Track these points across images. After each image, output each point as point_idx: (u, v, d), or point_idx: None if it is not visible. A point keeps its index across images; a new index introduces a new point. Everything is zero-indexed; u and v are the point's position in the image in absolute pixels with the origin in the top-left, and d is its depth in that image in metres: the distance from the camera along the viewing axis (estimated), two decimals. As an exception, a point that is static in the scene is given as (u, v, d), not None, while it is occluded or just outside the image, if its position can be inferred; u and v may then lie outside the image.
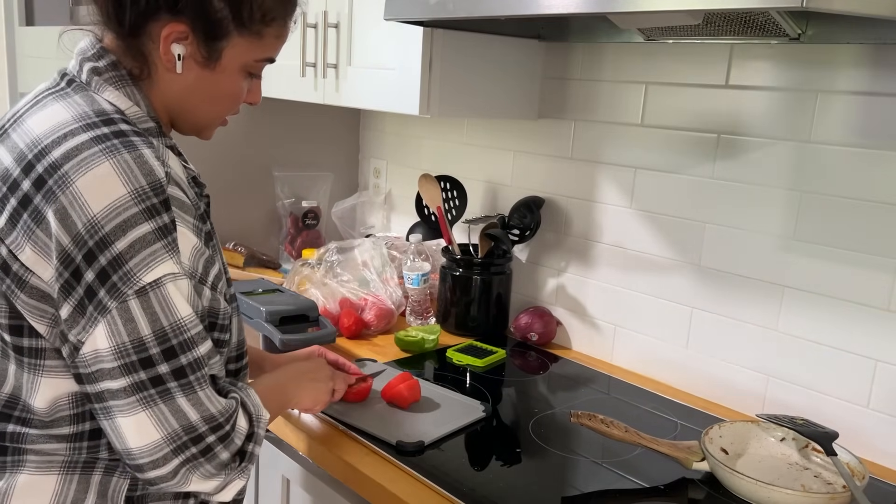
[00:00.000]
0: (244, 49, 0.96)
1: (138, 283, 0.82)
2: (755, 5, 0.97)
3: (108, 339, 0.82)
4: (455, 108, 1.64)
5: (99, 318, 0.82)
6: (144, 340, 0.83)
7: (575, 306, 1.78)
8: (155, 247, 0.83)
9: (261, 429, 0.96)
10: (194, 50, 0.93)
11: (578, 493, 1.16)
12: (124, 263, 0.82)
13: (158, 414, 0.85)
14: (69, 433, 0.90)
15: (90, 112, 0.88)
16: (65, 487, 0.90)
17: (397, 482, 1.15)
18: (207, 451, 0.88)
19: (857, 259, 1.31)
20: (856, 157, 1.29)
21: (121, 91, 0.93)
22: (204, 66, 0.95)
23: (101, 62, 0.93)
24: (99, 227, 0.81)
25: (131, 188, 0.83)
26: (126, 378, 0.83)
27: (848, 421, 1.34)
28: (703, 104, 1.49)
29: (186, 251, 0.88)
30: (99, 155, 0.83)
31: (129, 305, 0.82)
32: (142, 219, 0.83)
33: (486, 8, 1.22)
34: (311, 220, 2.26)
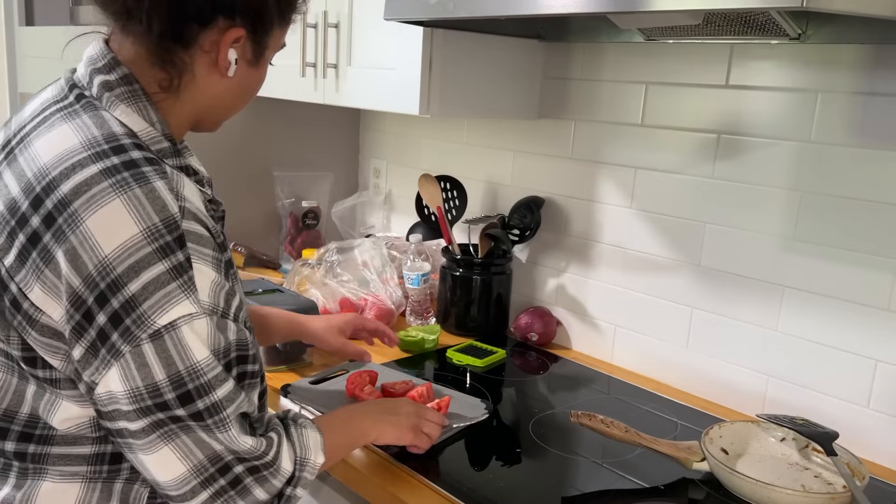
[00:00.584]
0: (277, 39, 0.97)
1: (152, 327, 0.79)
2: (755, 5, 0.97)
3: (121, 383, 0.80)
4: (455, 108, 1.64)
5: (112, 361, 0.79)
6: (159, 385, 0.80)
7: (575, 306, 1.78)
8: (169, 287, 0.79)
9: (307, 472, 0.93)
10: (245, 51, 0.92)
11: (578, 493, 1.16)
12: (137, 306, 0.78)
13: (182, 446, 0.82)
14: (90, 453, 0.88)
15: (99, 138, 0.83)
16: (88, 494, 0.89)
17: (397, 482, 1.15)
18: (237, 482, 0.85)
19: (857, 259, 1.31)
20: (856, 157, 1.29)
21: (133, 108, 0.88)
22: (251, 64, 0.94)
23: (112, 75, 0.88)
24: (111, 269, 0.78)
25: (143, 227, 0.79)
26: (143, 420, 0.81)
27: (848, 421, 1.34)
28: (703, 104, 1.49)
29: (205, 288, 0.83)
30: (109, 191, 0.79)
31: (142, 350, 0.79)
32: (155, 259, 0.79)
33: (486, 8, 1.22)
34: (311, 220, 2.26)
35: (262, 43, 0.93)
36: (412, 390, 1.38)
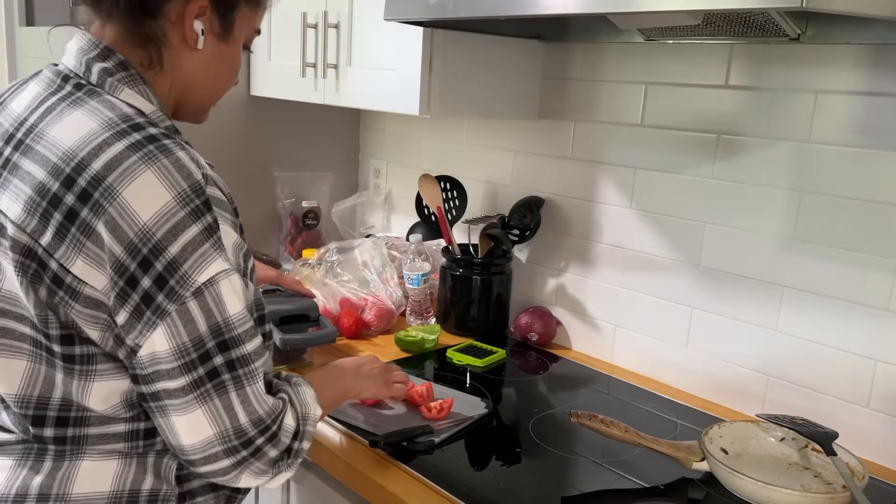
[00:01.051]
0: (248, 19, 1.01)
1: (195, 285, 0.84)
2: (755, 5, 0.97)
3: (168, 342, 0.85)
4: (455, 108, 1.65)
5: (158, 321, 0.84)
6: (202, 337, 0.86)
7: (575, 306, 1.78)
8: (205, 247, 0.85)
9: (309, 425, 0.98)
10: (212, 24, 0.97)
11: (578, 493, 1.16)
12: (179, 267, 0.84)
13: (213, 410, 0.87)
14: (125, 430, 0.93)
15: (115, 119, 0.88)
16: (125, 470, 0.93)
17: (397, 482, 1.15)
18: (257, 451, 0.91)
19: (857, 259, 1.31)
20: (856, 157, 1.29)
21: (135, 90, 0.93)
22: (220, 38, 0.98)
23: (109, 62, 0.93)
24: (151, 235, 0.83)
25: (175, 193, 0.84)
26: (185, 377, 0.86)
27: (848, 421, 1.34)
28: (703, 104, 1.49)
29: (230, 247, 0.89)
30: (139, 163, 0.84)
31: (188, 307, 0.84)
32: (189, 221, 0.84)
33: (486, 8, 1.22)
34: (312, 221, 2.26)
35: (228, 17, 0.98)
36: (412, 390, 1.38)
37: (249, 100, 2.13)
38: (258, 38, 2.06)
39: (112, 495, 0.92)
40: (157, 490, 0.94)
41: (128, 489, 0.93)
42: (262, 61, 2.05)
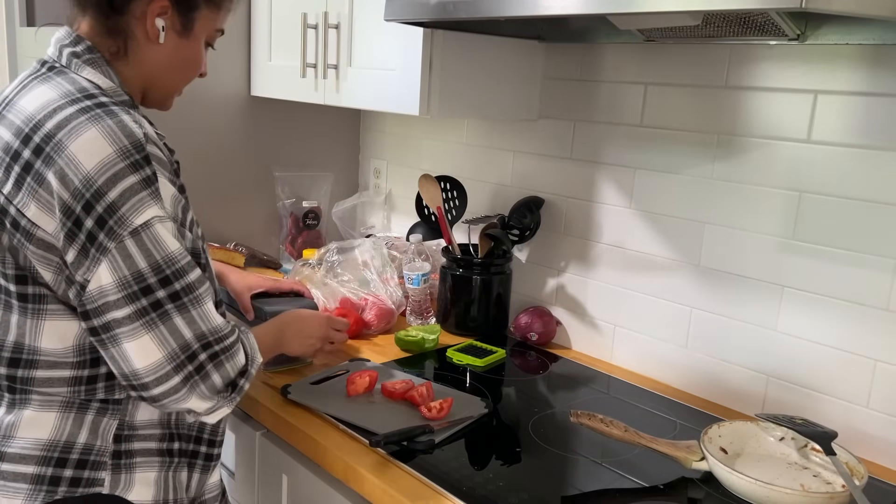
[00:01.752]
0: (208, 19, 1.13)
1: (131, 226, 0.96)
2: (755, 6, 0.97)
3: (111, 275, 0.96)
4: (455, 109, 1.65)
5: (101, 257, 0.96)
6: (142, 272, 0.97)
7: (575, 306, 1.78)
8: (142, 195, 0.97)
9: (253, 368, 1.10)
10: (173, 21, 1.09)
11: (578, 492, 1.16)
12: (117, 210, 0.95)
13: (159, 335, 0.98)
14: (69, 376, 1.04)
15: (73, 90, 1.01)
16: (62, 423, 1.05)
17: (397, 482, 1.16)
18: (201, 369, 1.01)
19: (856, 259, 1.31)
20: (855, 158, 1.30)
21: (97, 70, 1.06)
22: (180, 34, 1.10)
23: (78, 47, 1.06)
24: (93, 182, 0.95)
25: (116, 147, 0.96)
26: (130, 306, 0.97)
27: (847, 421, 1.34)
28: (703, 104, 1.49)
29: (167, 199, 1.01)
30: (86, 122, 0.97)
31: (125, 245, 0.96)
32: (128, 172, 0.96)
33: (486, 9, 1.22)
34: (312, 221, 2.26)
35: (188, 16, 1.10)
36: (412, 390, 1.38)
37: (250, 100, 2.13)
38: (258, 38, 2.07)
39: (48, 444, 1.04)
40: (92, 445, 1.06)
41: (63, 440, 1.05)
42: (262, 62, 2.05)
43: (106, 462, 1.06)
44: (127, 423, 1.08)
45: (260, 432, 1.44)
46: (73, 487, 1.05)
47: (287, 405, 1.38)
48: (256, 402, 1.41)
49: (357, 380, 1.42)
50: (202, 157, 2.09)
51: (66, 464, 1.04)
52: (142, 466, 1.09)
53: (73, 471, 1.05)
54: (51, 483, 1.04)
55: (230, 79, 2.09)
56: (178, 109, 2.00)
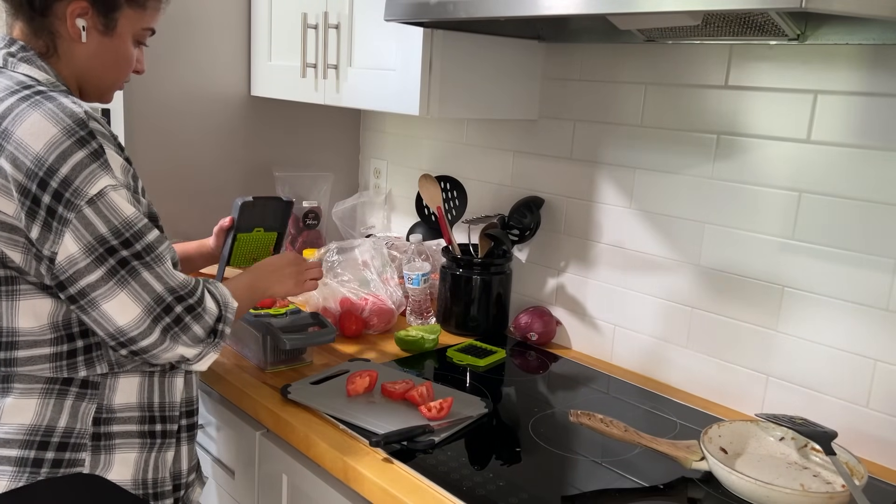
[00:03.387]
0: (133, 19, 1.18)
1: (87, 196, 1.03)
2: (755, 6, 0.97)
3: (76, 243, 1.03)
4: (455, 109, 1.65)
5: (63, 229, 1.02)
6: (104, 236, 1.04)
7: (574, 306, 1.78)
8: (92, 167, 1.03)
9: (229, 313, 1.17)
10: (95, 21, 1.14)
11: (578, 492, 1.17)
12: (72, 183, 1.02)
13: (133, 290, 1.05)
14: (50, 353, 1.10)
15: (12, 84, 1.08)
16: (43, 409, 1.11)
17: (397, 482, 1.16)
18: (179, 321, 1.09)
19: (856, 259, 1.31)
20: (855, 157, 1.30)
21: (32, 66, 1.12)
22: (103, 34, 1.16)
23: (12, 48, 1.13)
24: (44, 161, 1.01)
25: (61, 127, 1.03)
26: (101, 268, 1.04)
27: (847, 420, 1.34)
28: (703, 104, 1.49)
29: (116, 168, 1.07)
30: (27, 108, 1.04)
31: (84, 213, 1.02)
32: (76, 148, 1.03)
33: (486, 9, 1.22)
34: (312, 221, 2.26)
35: (110, 16, 1.15)
36: (412, 390, 1.39)
37: (250, 100, 2.14)
38: (258, 39, 2.07)
39: (30, 429, 1.10)
40: (72, 428, 1.11)
41: (45, 424, 1.10)
42: (262, 62, 2.06)
43: (86, 444, 1.12)
44: (105, 406, 1.14)
45: (260, 432, 1.44)
46: (55, 468, 1.10)
47: (287, 405, 1.38)
48: (256, 402, 1.41)
49: (357, 380, 1.42)
50: (202, 157, 2.09)
51: (47, 447, 1.10)
52: (121, 448, 1.15)
53: (55, 453, 1.11)
54: (34, 465, 1.10)
55: (230, 79, 2.09)
56: (179, 109, 2.02)
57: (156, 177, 2.00)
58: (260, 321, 1.51)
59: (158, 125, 1.99)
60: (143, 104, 1.95)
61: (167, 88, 1.98)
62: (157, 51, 1.93)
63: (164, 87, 1.98)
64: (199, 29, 2.00)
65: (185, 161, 2.06)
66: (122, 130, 1.92)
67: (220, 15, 2.04)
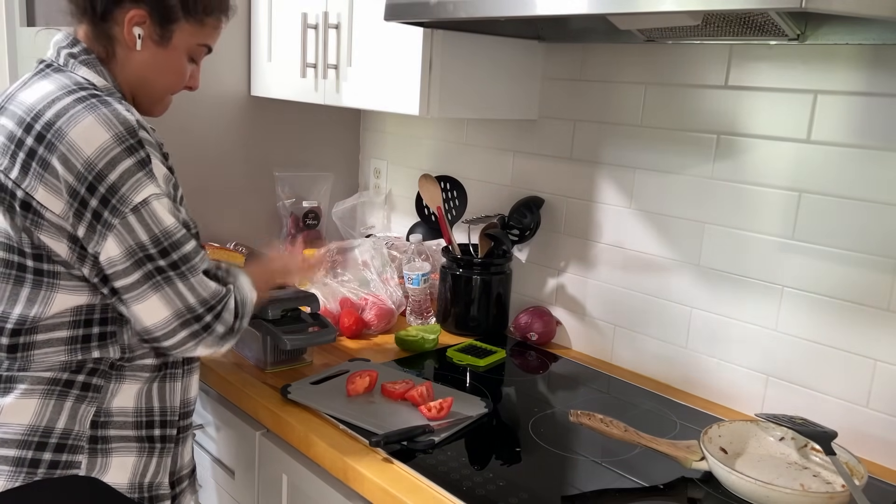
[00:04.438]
0: (189, 33, 1.20)
1: (132, 203, 1.06)
2: (755, 6, 0.97)
3: (118, 247, 1.06)
4: (455, 109, 1.65)
5: (107, 232, 1.06)
6: (144, 243, 1.07)
7: (574, 306, 1.78)
8: (138, 175, 1.06)
9: (247, 308, 1.21)
10: (151, 31, 1.17)
11: (578, 492, 1.17)
12: (118, 190, 1.05)
13: (165, 296, 1.09)
14: (67, 336, 1.12)
15: (69, 84, 1.10)
16: (43, 409, 1.12)
17: (397, 482, 1.16)
18: (207, 327, 1.13)
19: (856, 259, 1.31)
20: (855, 157, 1.30)
21: (92, 69, 1.15)
22: (158, 44, 1.18)
23: (75, 49, 1.16)
24: (94, 166, 1.04)
25: (112, 133, 1.05)
26: (137, 272, 1.07)
27: (847, 420, 1.34)
28: (703, 104, 1.49)
29: (160, 178, 1.10)
30: (83, 111, 1.06)
31: (128, 220, 1.06)
32: (125, 156, 1.06)
33: (485, 9, 1.22)
34: (312, 221, 2.26)
35: (166, 27, 1.18)
36: (412, 390, 1.39)
37: (250, 100, 2.13)
38: (258, 39, 2.07)
39: (29, 429, 1.11)
40: (70, 430, 1.13)
41: (43, 425, 1.12)
42: (262, 62, 2.05)
43: (83, 446, 1.13)
44: (104, 410, 1.15)
45: (260, 432, 1.44)
46: (51, 469, 1.11)
47: (287, 405, 1.38)
48: (256, 402, 1.41)
49: (357, 380, 1.42)
50: (202, 157, 2.09)
51: (45, 447, 1.11)
52: (118, 451, 1.16)
53: (52, 454, 1.12)
54: (31, 465, 1.11)
55: (230, 79, 2.09)
56: (179, 109, 2.01)
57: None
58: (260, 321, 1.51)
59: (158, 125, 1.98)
60: (143, 104, 1.95)
61: (167, 88, 1.98)
62: (157, 51, 1.93)
63: (164, 87, 1.98)
64: (199, 29, 2.00)
65: (184, 161, 2.05)
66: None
67: (220, 15, 2.03)
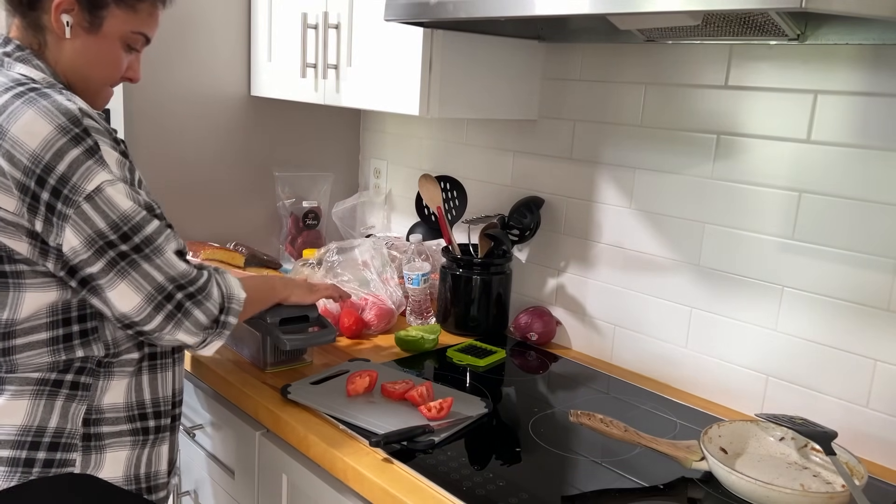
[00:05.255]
0: (122, 20, 1.17)
1: (84, 192, 1.05)
2: (755, 6, 0.97)
3: (76, 237, 1.05)
4: (455, 109, 1.65)
5: (64, 224, 1.05)
6: (103, 231, 1.06)
7: (574, 306, 1.78)
8: (88, 163, 1.05)
9: (234, 303, 1.20)
10: (80, 18, 1.14)
11: (578, 492, 1.17)
12: (69, 180, 1.04)
13: (134, 281, 1.08)
14: (47, 338, 1.12)
15: (7, 82, 1.09)
16: (34, 409, 1.12)
17: (397, 482, 1.16)
18: (180, 307, 1.12)
19: (856, 259, 1.31)
20: (855, 157, 1.30)
21: (27, 65, 1.14)
22: (88, 31, 1.15)
23: (8, 47, 1.15)
24: (41, 159, 1.03)
25: (55, 125, 1.04)
26: (101, 260, 1.07)
27: (847, 420, 1.34)
28: (703, 104, 1.49)
29: (113, 164, 1.09)
30: (22, 106, 1.05)
31: (83, 209, 1.05)
32: (71, 145, 1.04)
33: (485, 9, 1.22)
34: (312, 221, 2.26)
35: (96, 14, 1.14)
36: (412, 390, 1.39)
37: (249, 100, 2.13)
38: (258, 39, 2.07)
39: (22, 429, 1.11)
40: (62, 429, 1.13)
41: (36, 425, 1.12)
42: (262, 62, 2.05)
43: (76, 444, 1.14)
44: (95, 407, 1.15)
45: (260, 432, 1.44)
46: (46, 468, 1.12)
47: (287, 405, 1.38)
48: (256, 402, 1.41)
49: (357, 380, 1.42)
50: (202, 157, 2.09)
51: (39, 447, 1.12)
52: (112, 447, 1.17)
53: (46, 453, 1.12)
54: (25, 465, 1.11)
55: (230, 79, 2.09)
56: (179, 109, 2.01)
57: (156, 177, 2.00)
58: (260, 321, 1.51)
59: (158, 125, 1.99)
60: (143, 104, 1.95)
61: (167, 88, 1.98)
62: (157, 51, 1.93)
63: (164, 87, 1.98)
64: (199, 29, 2.00)
65: (185, 161, 2.06)
66: (122, 130, 1.92)
67: (220, 15, 2.04)
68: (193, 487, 1.68)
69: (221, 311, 1.17)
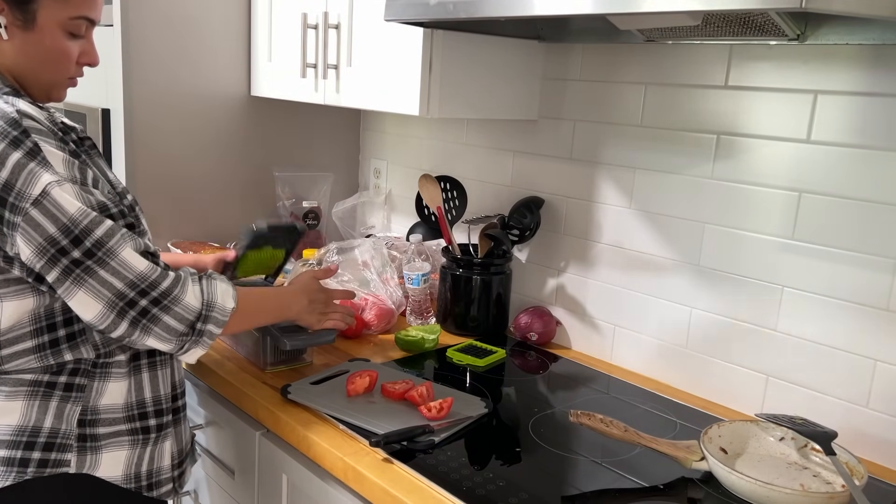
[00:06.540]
0: (55, 9, 1.11)
1: (31, 197, 1.02)
2: (755, 6, 0.97)
3: (27, 246, 1.03)
4: (455, 109, 1.65)
5: (14, 233, 1.03)
6: (53, 236, 1.03)
7: (574, 306, 1.78)
8: (30, 166, 1.02)
9: (216, 312, 1.14)
10: (12, 17, 1.09)
11: (578, 492, 1.17)
12: (14, 186, 1.01)
13: (91, 288, 1.05)
14: (33, 346, 1.11)
15: None
16: (28, 410, 1.12)
17: (397, 482, 1.16)
18: (146, 313, 1.08)
19: (856, 259, 1.31)
20: (855, 157, 1.30)
21: None
22: (24, 28, 1.10)
23: None
24: None
25: None
26: (55, 269, 1.04)
27: (847, 420, 1.34)
28: (703, 105, 1.49)
29: (58, 164, 1.05)
30: None
31: (31, 216, 1.02)
32: (11, 150, 1.01)
33: (486, 9, 1.22)
34: (312, 221, 2.26)
35: (26, 9, 1.09)
36: (412, 390, 1.39)
37: (249, 100, 2.14)
38: (258, 39, 2.06)
39: (16, 430, 1.11)
40: (57, 429, 1.13)
41: (31, 425, 1.12)
42: (262, 62, 2.05)
43: (72, 445, 1.14)
44: (90, 408, 1.15)
45: (260, 432, 1.44)
46: (41, 468, 1.12)
47: (287, 405, 1.38)
48: (256, 402, 1.41)
49: (357, 380, 1.42)
50: (202, 157, 2.09)
51: (34, 447, 1.12)
52: (109, 447, 1.16)
53: (41, 453, 1.12)
54: (20, 465, 1.11)
55: (230, 79, 2.09)
56: (179, 109, 2.01)
57: (156, 177, 2.00)
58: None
59: (158, 125, 1.99)
60: (142, 104, 1.95)
61: (167, 88, 1.98)
62: (157, 51, 1.93)
63: (165, 87, 1.98)
64: (199, 29, 2.00)
65: (185, 161, 2.06)
66: (121, 131, 1.92)
67: (220, 15, 2.04)
68: (193, 487, 1.68)
69: (199, 319, 1.12)
